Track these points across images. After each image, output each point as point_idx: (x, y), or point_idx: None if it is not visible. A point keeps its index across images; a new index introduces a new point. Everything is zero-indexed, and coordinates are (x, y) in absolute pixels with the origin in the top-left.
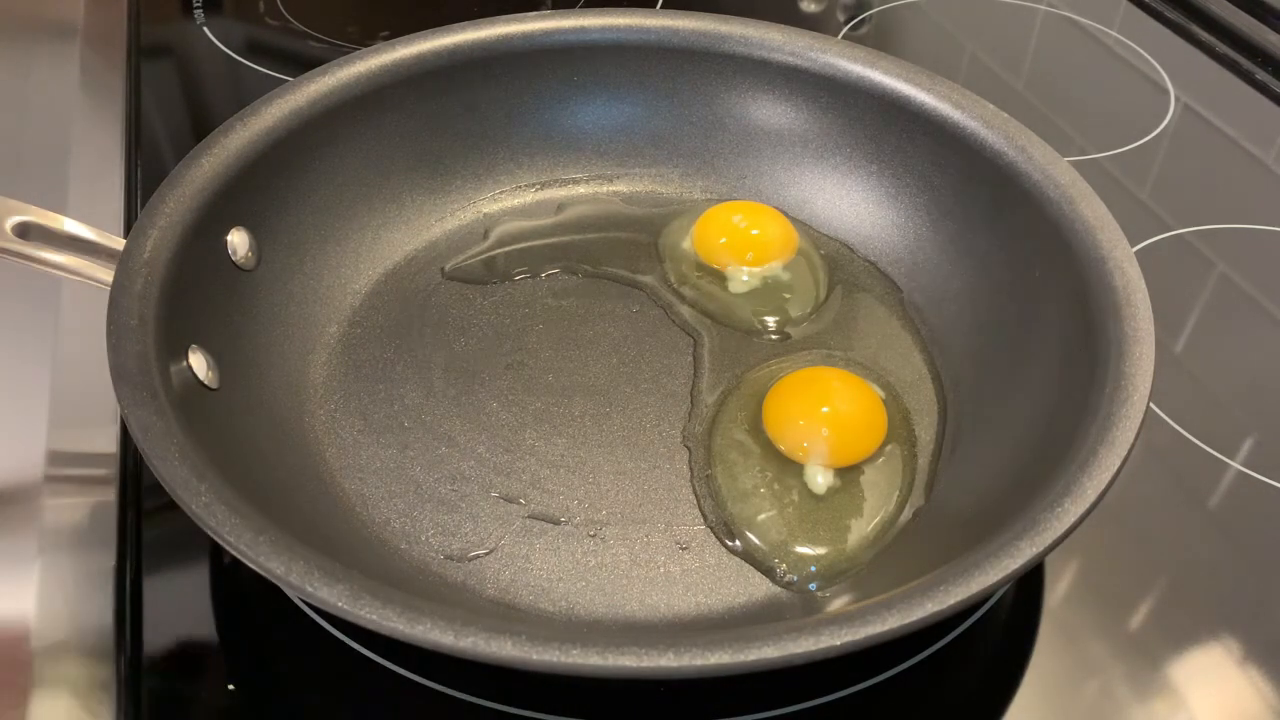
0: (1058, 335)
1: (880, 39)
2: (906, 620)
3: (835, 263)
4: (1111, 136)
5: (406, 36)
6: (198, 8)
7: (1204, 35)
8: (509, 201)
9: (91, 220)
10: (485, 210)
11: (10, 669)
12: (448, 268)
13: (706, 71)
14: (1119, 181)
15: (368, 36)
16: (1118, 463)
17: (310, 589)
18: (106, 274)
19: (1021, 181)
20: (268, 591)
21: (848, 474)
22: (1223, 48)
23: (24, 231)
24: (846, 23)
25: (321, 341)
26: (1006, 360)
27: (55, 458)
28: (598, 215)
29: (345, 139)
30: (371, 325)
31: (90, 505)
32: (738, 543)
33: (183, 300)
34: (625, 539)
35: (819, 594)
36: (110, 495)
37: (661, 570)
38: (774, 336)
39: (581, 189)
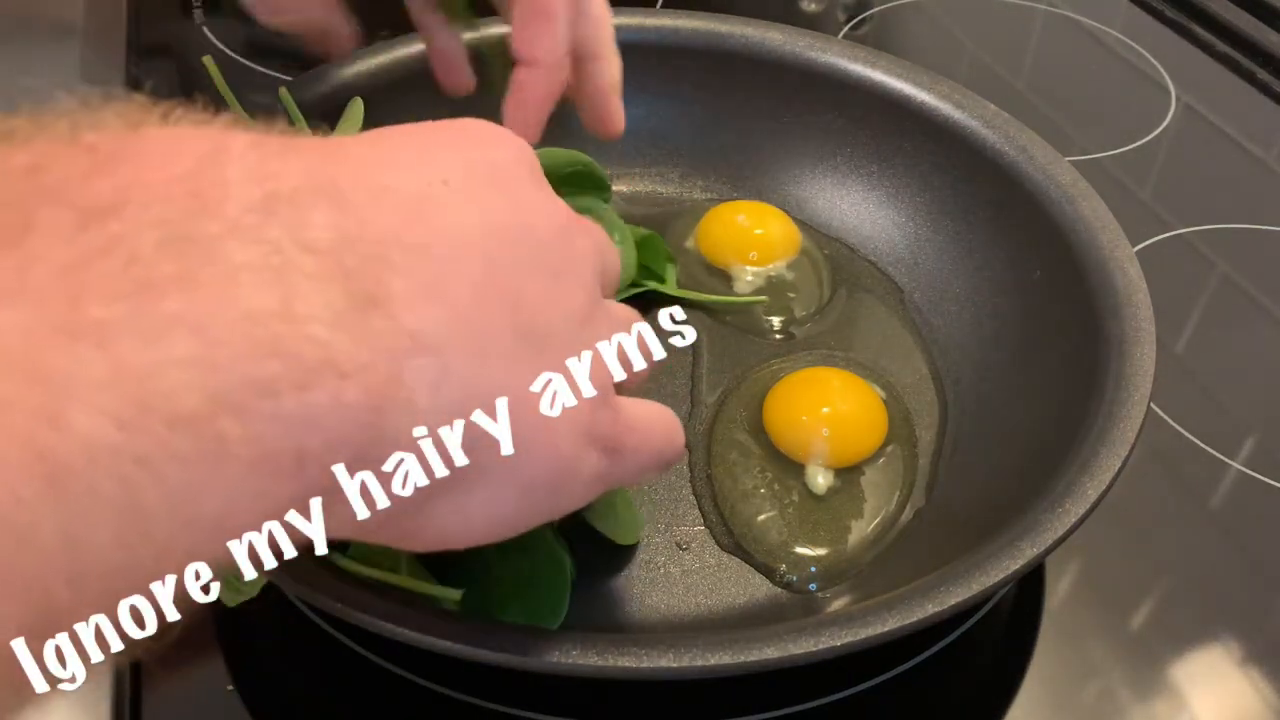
0: (1058, 335)
1: (881, 39)
2: (907, 621)
3: (836, 263)
4: (1112, 136)
5: (406, 36)
6: (197, 7)
7: (1205, 35)
8: None
9: None
10: None
11: None
12: None
13: (706, 71)
14: (1120, 181)
15: (367, 36)
16: (1118, 463)
17: (310, 590)
18: None
19: (1022, 181)
20: (267, 592)
21: (848, 474)
22: (1224, 47)
23: None
24: (847, 22)
25: None
26: (1007, 360)
27: None
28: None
29: None
30: None
31: None
32: (738, 543)
33: None
34: None
35: (819, 595)
36: None
37: (661, 571)
38: (778, 336)
39: None
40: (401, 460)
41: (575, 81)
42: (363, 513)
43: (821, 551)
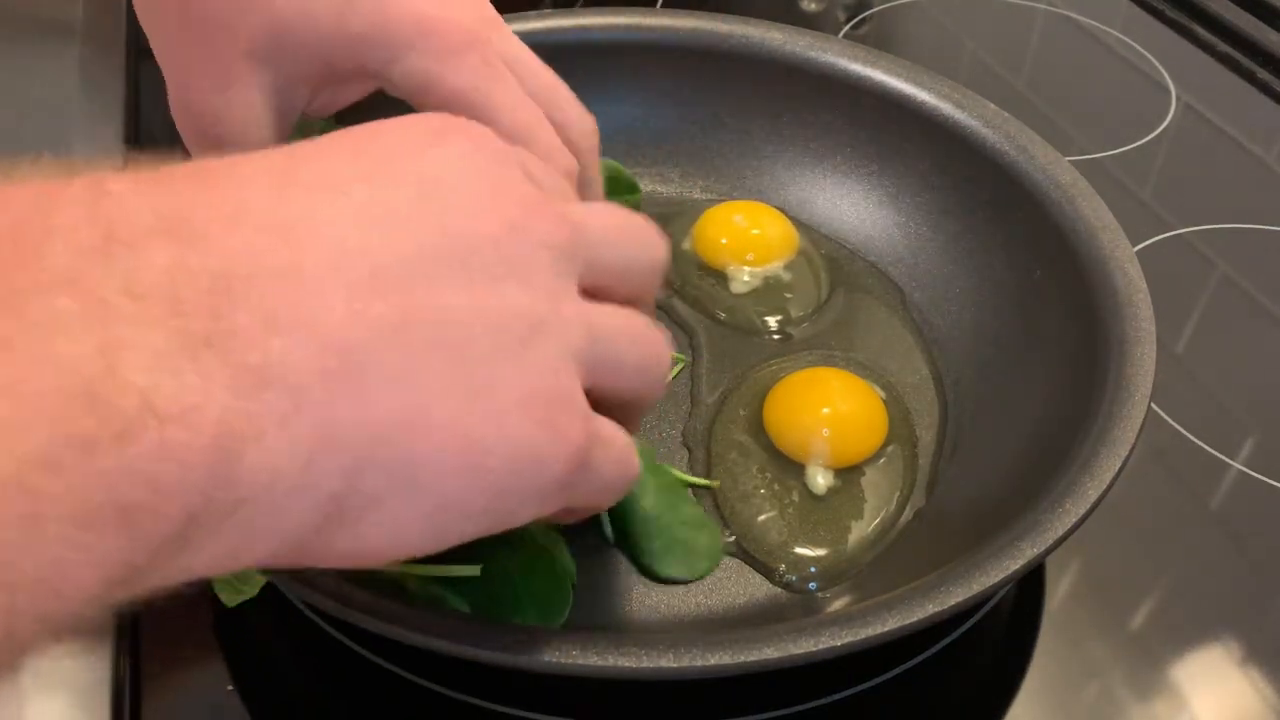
0: (1059, 335)
1: (881, 38)
2: (907, 621)
3: (836, 263)
4: (1112, 136)
5: None
6: None
7: (1205, 35)
8: None
9: None
10: None
11: None
12: None
13: (706, 71)
14: (1120, 181)
15: None
16: (1119, 463)
17: (310, 592)
18: None
19: (1022, 181)
20: (267, 592)
21: (848, 474)
22: (1224, 47)
23: None
24: (847, 22)
25: None
26: (1008, 361)
27: None
28: None
29: None
30: None
31: None
32: (738, 543)
33: None
34: None
35: (819, 595)
36: None
37: None
38: (775, 337)
39: None
40: (260, 500)
41: None
42: (230, 557)
43: (821, 552)
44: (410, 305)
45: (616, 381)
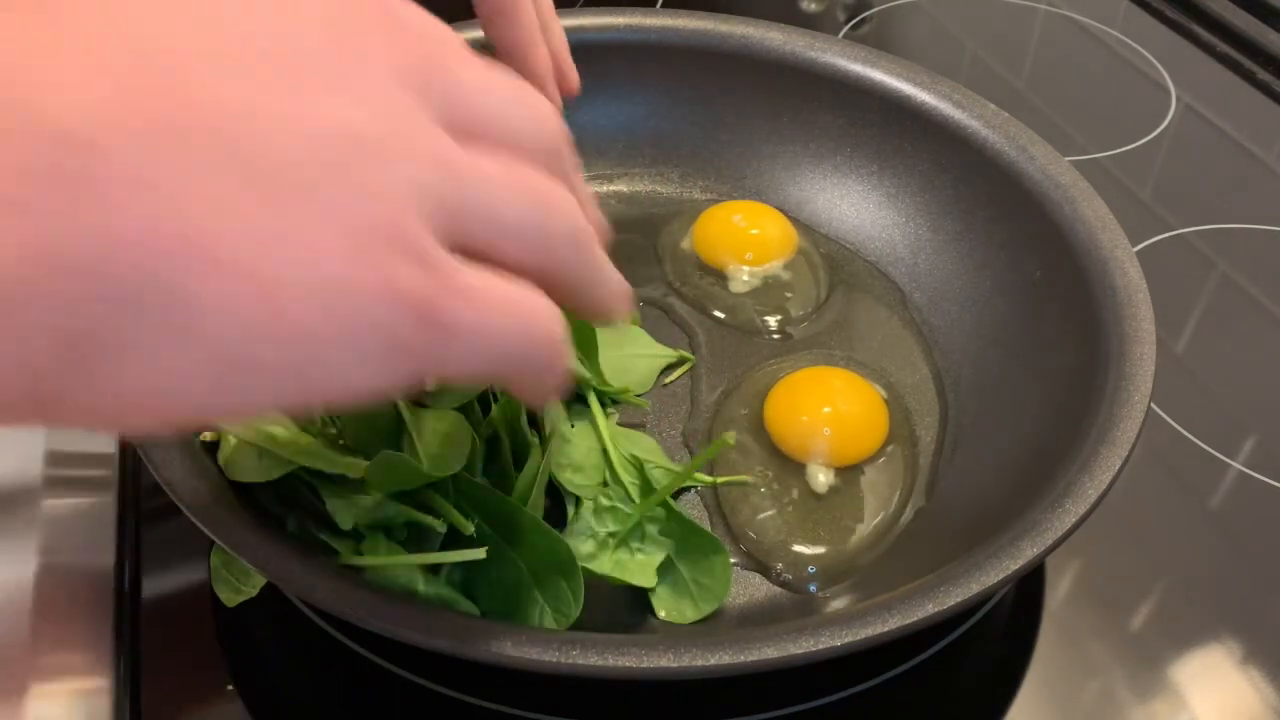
0: (1059, 335)
1: (881, 38)
2: (907, 621)
3: (836, 263)
4: (1113, 136)
5: None
6: None
7: (1205, 35)
8: None
9: None
10: None
11: (8, 669)
12: None
13: (706, 71)
14: (1120, 181)
15: None
16: (1119, 463)
17: (310, 590)
18: None
19: (1023, 181)
20: (267, 592)
21: (849, 474)
22: (1224, 47)
23: None
24: (847, 22)
25: None
26: (1008, 360)
27: (54, 458)
28: None
29: None
30: None
31: (89, 505)
32: (737, 542)
33: None
34: None
35: (819, 594)
36: (109, 495)
37: None
38: (775, 336)
39: None
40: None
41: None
42: None
43: (820, 550)
44: (196, 103)
45: (493, 240)
